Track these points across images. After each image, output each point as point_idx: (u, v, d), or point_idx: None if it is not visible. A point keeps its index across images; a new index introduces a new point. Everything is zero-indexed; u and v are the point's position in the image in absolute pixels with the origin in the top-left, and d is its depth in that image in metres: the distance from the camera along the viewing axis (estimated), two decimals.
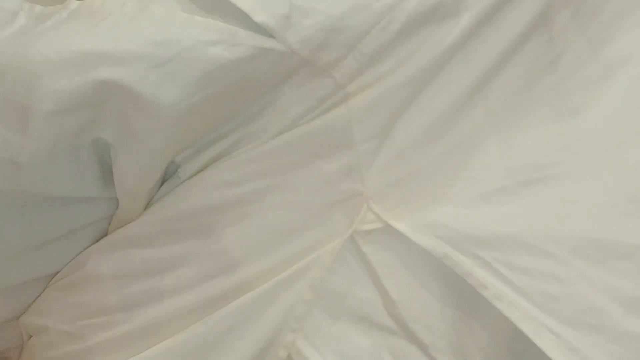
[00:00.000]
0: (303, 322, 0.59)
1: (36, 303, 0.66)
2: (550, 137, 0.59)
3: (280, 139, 0.57)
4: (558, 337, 0.55)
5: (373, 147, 0.57)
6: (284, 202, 0.58)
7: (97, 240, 0.61)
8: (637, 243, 0.56)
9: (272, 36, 0.52)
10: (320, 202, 0.58)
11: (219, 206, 0.58)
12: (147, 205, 0.61)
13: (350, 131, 0.56)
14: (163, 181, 0.60)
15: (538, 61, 0.59)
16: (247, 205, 0.58)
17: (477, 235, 0.57)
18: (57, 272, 0.63)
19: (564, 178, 0.59)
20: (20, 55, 0.50)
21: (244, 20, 0.52)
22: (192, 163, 0.58)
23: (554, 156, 0.59)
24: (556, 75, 0.59)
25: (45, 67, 0.50)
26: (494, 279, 0.56)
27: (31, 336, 0.66)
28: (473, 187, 0.58)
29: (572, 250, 0.56)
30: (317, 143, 0.57)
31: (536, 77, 0.59)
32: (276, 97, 0.56)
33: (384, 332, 0.59)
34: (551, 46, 0.59)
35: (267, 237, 0.59)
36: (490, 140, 0.59)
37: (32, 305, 0.66)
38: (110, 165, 0.57)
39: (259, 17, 0.52)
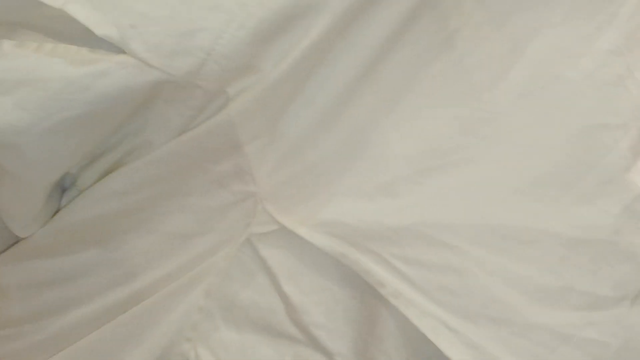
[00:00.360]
0: (208, 335, 0.57)
1: None
2: (453, 120, 0.56)
3: (167, 147, 0.55)
4: (456, 334, 0.52)
5: (261, 147, 0.55)
6: (178, 207, 0.57)
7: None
8: (543, 228, 0.53)
9: (123, 51, 0.51)
10: (215, 205, 0.57)
11: (115, 214, 0.57)
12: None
13: (235, 133, 0.54)
14: (63, 192, 0.60)
15: (431, 40, 0.56)
16: (142, 212, 0.57)
17: (373, 230, 0.54)
18: None
19: (467, 163, 0.55)
20: None
21: (94, 38, 0.51)
22: (88, 173, 0.58)
23: (457, 140, 0.56)
24: (454, 53, 0.56)
25: None
26: (391, 276, 0.53)
27: None
28: (370, 178, 0.56)
29: (471, 239, 0.53)
30: (203, 148, 0.55)
31: (431, 57, 0.56)
32: (153, 112, 0.54)
33: (288, 341, 0.57)
34: (444, 23, 0.55)
35: (165, 243, 0.57)
36: (386, 127, 0.56)
37: None
38: None
39: (100, 31, 0.50)
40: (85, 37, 0.50)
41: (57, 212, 0.59)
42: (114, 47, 0.50)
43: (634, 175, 0.56)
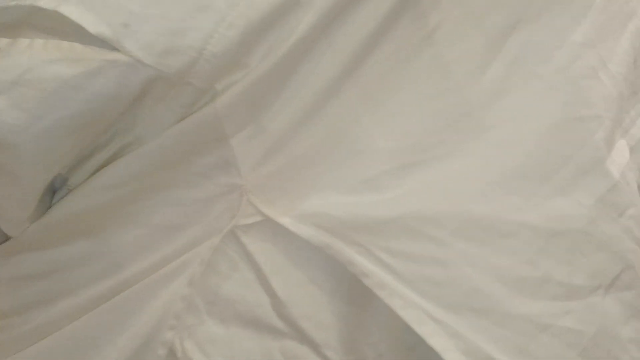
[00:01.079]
0: (195, 329, 0.58)
1: None
2: (434, 115, 0.57)
3: (154, 141, 0.55)
4: (439, 324, 0.53)
5: (246, 139, 0.56)
6: (164, 200, 0.57)
7: None
8: (521, 220, 0.54)
9: (116, 48, 0.51)
10: (201, 197, 0.57)
11: (103, 208, 0.57)
12: None
13: (221, 125, 0.55)
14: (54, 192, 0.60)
15: (412, 36, 0.56)
16: (129, 205, 0.57)
17: (358, 222, 0.55)
18: None
19: (448, 157, 0.57)
20: None
21: (86, 35, 0.51)
22: (79, 172, 0.58)
23: (438, 135, 0.57)
24: (434, 49, 0.57)
25: None
26: (375, 267, 0.55)
27: None
28: (355, 172, 0.57)
29: (454, 232, 0.54)
30: (189, 141, 0.55)
31: (412, 53, 0.57)
32: (143, 109, 0.54)
33: (274, 334, 0.58)
34: (424, 20, 0.56)
35: (151, 235, 0.58)
36: (369, 122, 0.57)
37: None
38: None
39: (94, 28, 0.50)
40: (78, 34, 0.50)
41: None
42: (106, 44, 0.50)
43: (608, 166, 0.58)
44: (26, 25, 0.52)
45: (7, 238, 0.60)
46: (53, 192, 0.59)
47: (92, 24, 0.50)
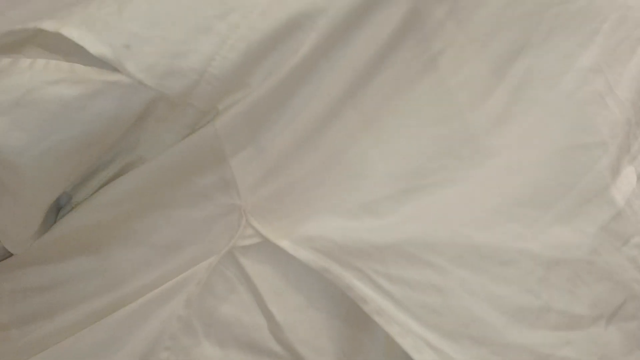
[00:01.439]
0: (190, 350, 0.58)
1: None
2: (435, 140, 0.57)
3: (154, 161, 0.55)
4: (437, 352, 0.53)
5: (245, 160, 0.56)
6: (164, 218, 0.57)
7: None
8: (520, 248, 0.54)
9: (117, 70, 0.51)
10: (200, 216, 0.57)
11: (104, 225, 0.58)
12: None
13: (220, 145, 0.55)
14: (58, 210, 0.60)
15: (415, 61, 0.56)
16: (130, 222, 0.57)
17: (357, 247, 0.55)
18: None
19: (449, 183, 0.56)
20: None
21: (87, 56, 0.51)
22: (83, 190, 0.58)
23: (439, 160, 0.57)
24: (437, 74, 0.57)
25: None
26: (373, 292, 0.54)
27: None
28: (354, 197, 0.56)
29: (453, 259, 0.54)
30: (189, 161, 0.55)
31: (415, 78, 0.56)
32: (145, 130, 0.55)
33: (271, 358, 0.58)
34: (427, 44, 0.56)
35: (150, 254, 0.58)
36: (369, 146, 0.56)
37: None
38: None
39: (95, 49, 0.50)
40: (80, 54, 0.50)
41: None
42: (108, 65, 0.50)
43: (613, 194, 0.57)
44: (29, 43, 0.52)
45: (10, 254, 0.61)
46: (58, 209, 0.59)
47: (93, 45, 0.50)
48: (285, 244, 0.56)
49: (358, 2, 0.53)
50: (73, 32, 0.50)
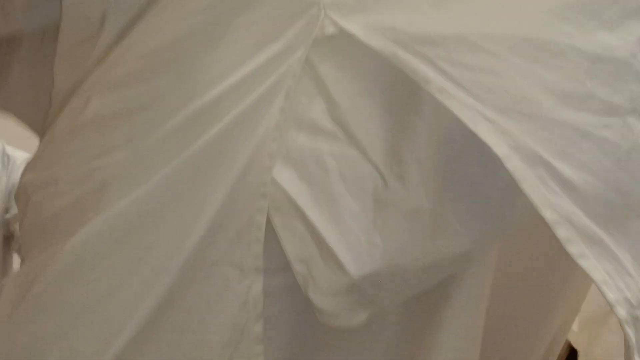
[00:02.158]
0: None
1: (34, 159, 0.72)
2: None
3: None
4: (492, 123, 0.59)
5: None
6: (249, 20, 0.63)
7: None
8: (570, 43, 0.60)
9: None
10: (282, 14, 0.63)
11: (191, 33, 0.64)
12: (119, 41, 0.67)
13: None
14: None
15: None
16: (215, 28, 0.63)
17: (424, 36, 0.61)
18: None
19: None
20: None
21: None
22: None
23: None
24: None
25: None
26: (436, 74, 0.61)
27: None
28: None
29: (510, 48, 0.60)
30: None
31: None
32: None
33: (327, 137, 0.64)
34: None
35: (235, 54, 0.64)
36: None
37: (30, 162, 0.72)
38: None
39: None
40: None
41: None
42: None
43: None
44: None
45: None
46: None
47: None
48: (359, 32, 0.62)
49: None
50: None
